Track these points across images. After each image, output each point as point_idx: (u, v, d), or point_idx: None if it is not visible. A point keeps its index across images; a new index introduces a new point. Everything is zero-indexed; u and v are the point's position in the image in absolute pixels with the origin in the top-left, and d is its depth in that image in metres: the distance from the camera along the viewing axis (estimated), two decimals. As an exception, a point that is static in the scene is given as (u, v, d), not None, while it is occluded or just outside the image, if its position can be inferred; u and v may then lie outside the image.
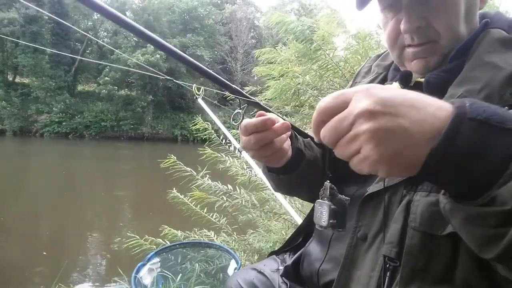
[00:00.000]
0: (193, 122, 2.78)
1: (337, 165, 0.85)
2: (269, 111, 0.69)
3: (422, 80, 0.70)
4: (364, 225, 0.67)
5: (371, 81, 0.88)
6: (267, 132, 0.68)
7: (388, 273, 0.59)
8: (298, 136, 0.82)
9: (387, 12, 0.72)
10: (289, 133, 0.74)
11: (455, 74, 0.62)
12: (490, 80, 0.57)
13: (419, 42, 0.69)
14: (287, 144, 0.75)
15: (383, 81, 0.86)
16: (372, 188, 0.67)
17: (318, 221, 0.61)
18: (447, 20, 0.66)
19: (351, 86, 0.94)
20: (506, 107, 0.50)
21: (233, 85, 0.68)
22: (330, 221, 0.59)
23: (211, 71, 0.67)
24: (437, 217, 0.55)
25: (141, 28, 0.61)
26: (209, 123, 2.72)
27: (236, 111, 0.69)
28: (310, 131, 0.71)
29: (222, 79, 0.67)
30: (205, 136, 2.70)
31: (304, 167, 0.81)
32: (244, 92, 0.69)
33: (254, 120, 0.67)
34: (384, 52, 0.93)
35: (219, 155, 2.62)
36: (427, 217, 0.56)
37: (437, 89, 0.63)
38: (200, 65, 0.66)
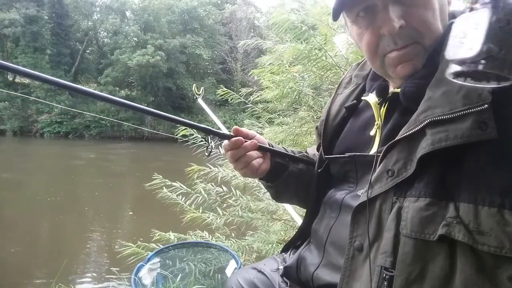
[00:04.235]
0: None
1: (330, 170, 0.88)
2: (232, 137, 0.88)
3: (398, 90, 0.69)
4: (359, 235, 0.65)
5: (351, 92, 0.88)
6: (239, 149, 0.87)
7: (385, 283, 0.58)
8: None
9: (360, 22, 0.70)
10: (259, 152, 0.91)
11: (430, 78, 0.61)
12: None
13: (402, 45, 0.67)
14: (258, 161, 0.90)
15: (361, 92, 0.86)
16: (362, 197, 0.66)
17: (455, 52, 0.45)
18: (425, 18, 0.66)
19: (334, 97, 0.94)
20: (486, 105, 0.51)
21: (207, 127, 0.92)
22: (488, 45, 0.42)
23: (181, 119, 0.92)
24: (427, 222, 0.55)
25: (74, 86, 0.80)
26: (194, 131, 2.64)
27: (207, 145, 0.94)
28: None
29: (198, 124, 0.93)
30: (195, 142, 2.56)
31: (287, 177, 0.96)
32: (213, 129, 0.92)
33: (228, 141, 0.88)
34: (363, 60, 0.92)
35: (208, 168, 2.56)
36: (417, 223, 0.55)
37: (414, 97, 0.63)
38: (169, 115, 0.90)
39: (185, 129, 2.59)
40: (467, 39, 0.44)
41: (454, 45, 0.46)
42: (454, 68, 0.46)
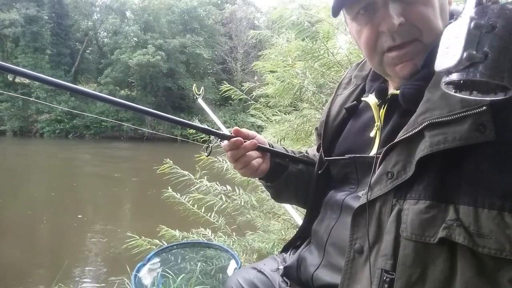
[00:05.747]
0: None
1: (330, 171, 0.89)
2: (232, 138, 0.89)
3: (398, 92, 0.69)
4: (359, 238, 0.65)
5: (351, 93, 0.88)
6: (238, 149, 0.88)
7: (385, 285, 0.58)
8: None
9: (360, 19, 0.70)
10: (259, 153, 0.92)
11: (429, 80, 0.61)
12: None
13: (401, 42, 0.66)
14: (257, 161, 0.91)
15: (361, 93, 0.86)
16: (362, 200, 0.66)
17: (441, 62, 0.45)
18: (425, 15, 0.65)
19: (333, 97, 0.94)
20: (485, 108, 0.50)
21: (207, 127, 0.94)
22: (468, 52, 0.41)
23: (180, 119, 0.95)
24: (427, 224, 0.55)
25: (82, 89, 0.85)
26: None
27: (207, 145, 0.97)
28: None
29: (198, 125, 0.96)
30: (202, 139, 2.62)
31: (287, 177, 0.97)
32: (213, 130, 0.93)
33: (227, 141, 0.89)
34: (362, 61, 0.92)
35: (216, 159, 2.59)
36: (417, 225, 0.55)
37: (413, 99, 0.63)
38: (171, 116, 0.92)
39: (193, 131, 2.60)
40: (450, 48, 0.43)
41: (440, 55, 0.45)
42: (444, 78, 0.45)
